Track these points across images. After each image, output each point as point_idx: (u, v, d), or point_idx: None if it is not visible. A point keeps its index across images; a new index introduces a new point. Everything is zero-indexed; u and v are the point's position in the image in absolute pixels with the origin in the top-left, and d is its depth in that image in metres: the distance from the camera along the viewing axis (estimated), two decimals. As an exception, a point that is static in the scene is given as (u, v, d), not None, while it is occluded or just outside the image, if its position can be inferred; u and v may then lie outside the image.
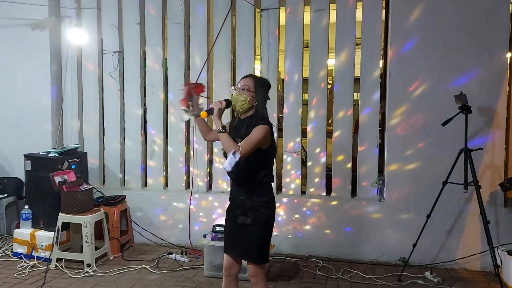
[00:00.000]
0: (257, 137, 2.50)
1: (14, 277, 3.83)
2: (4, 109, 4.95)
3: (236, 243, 2.70)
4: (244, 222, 2.63)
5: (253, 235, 2.63)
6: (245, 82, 2.63)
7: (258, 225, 2.62)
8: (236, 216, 2.67)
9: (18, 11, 4.72)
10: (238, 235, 2.68)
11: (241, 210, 2.64)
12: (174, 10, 4.72)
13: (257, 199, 2.62)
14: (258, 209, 2.62)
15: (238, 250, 2.71)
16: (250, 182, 2.63)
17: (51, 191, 4.17)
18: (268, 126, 2.57)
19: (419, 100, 4.17)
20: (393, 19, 4.20)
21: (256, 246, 2.64)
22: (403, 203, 4.24)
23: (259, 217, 2.62)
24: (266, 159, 2.65)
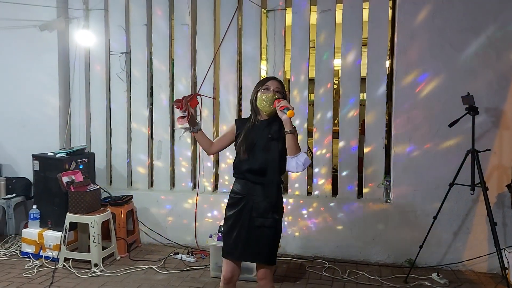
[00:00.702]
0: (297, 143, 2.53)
1: (22, 276, 3.87)
2: (12, 110, 5.00)
3: (250, 246, 2.61)
4: (263, 224, 2.58)
5: (270, 236, 2.60)
6: (277, 84, 2.62)
7: (276, 226, 2.62)
8: (252, 219, 2.59)
9: (27, 13, 4.76)
10: (254, 238, 2.60)
11: (262, 211, 2.58)
12: (180, 11, 4.74)
13: (279, 199, 2.65)
14: (278, 210, 2.63)
15: (251, 253, 2.62)
16: (276, 183, 2.62)
17: (59, 191, 4.21)
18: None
19: (426, 101, 4.15)
20: (400, 19, 4.19)
21: (271, 248, 2.62)
22: (409, 204, 4.23)
23: (277, 218, 2.62)
24: (284, 160, 2.60)
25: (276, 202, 2.62)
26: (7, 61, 4.97)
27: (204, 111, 4.74)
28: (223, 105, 4.74)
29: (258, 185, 2.61)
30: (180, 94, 4.79)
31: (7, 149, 5.03)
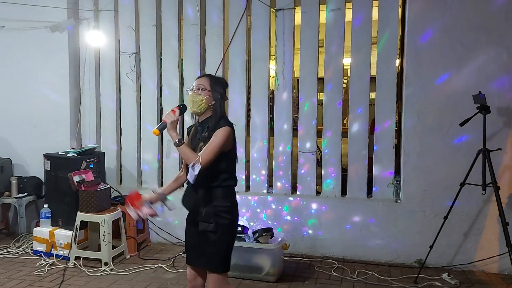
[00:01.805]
0: (218, 142, 2.40)
1: (34, 274, 3.91)
2: (24, 110, 5.05)
3: (200, 252, 2.53)
4: (205, 229, 2.46)
5: (216, 242, 2.47)
6: (200, 81, 2.51)
7: (221, 231, 2.47)
8: (197, 223, 2.50)
9: (38, 14, 4.81)
10: (201, 244, 2.51)
11: (202, 216, 2.47)
12: (190, 11, 4.76)
13: (219, 203, 2.48)
14: (221, 215, 2.47)
15: (203, 259, 2.53)
16: (210, 186, 2.48)
17: (69, 190, 4.25)
18: (229, 126, 2.46)
19: (436, 100, 4.12)
20: (410, 18, 4.16)
21: (219, 254, 2.49)
22: (419, 204, 4.20)
23: (222, 223, 2.46)
24: (228, 161, 2.52)
25: (221, 206, 2.48)
26: (19, 61, 5.03)
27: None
28: (232, 105, 4.74)
29: (200, 189, 2.50)
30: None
31: (19, 149, 5.08)
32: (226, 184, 2.52)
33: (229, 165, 2.54)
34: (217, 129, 2.44)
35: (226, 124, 2.47)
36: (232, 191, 2.58)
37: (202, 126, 2.53)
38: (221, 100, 2.53)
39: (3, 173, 4.88)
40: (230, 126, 2.48)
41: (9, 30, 4.95)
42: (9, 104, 5.08)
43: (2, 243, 4.72)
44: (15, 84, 5.06)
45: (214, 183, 2.49)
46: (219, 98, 2.51)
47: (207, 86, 2.49)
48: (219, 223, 2.46)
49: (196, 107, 2.49)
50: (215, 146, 2.40)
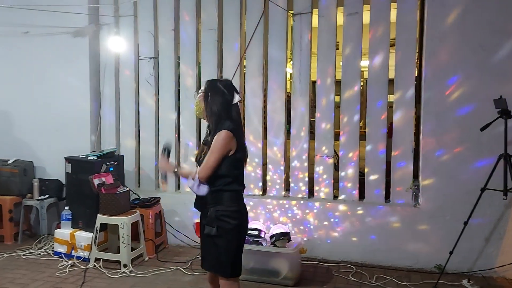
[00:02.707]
0: (217, 148, 2.41)
1: (56, 275, 3.99)
2: (46, 114, 5.16)
3: (206, 255, 2.58)
4: (209, 233, 2.47)
5: (220, 246, 2.47)
6: (202, 89, 2.60)
7: (225, 236, 2.46)
8: (203, 227, 2.53)
9: (61, 20, 4.91)
10: (205, 247, 2.56)
11: (207, 219, 2.50)
12: (207, 16, 4.80)
13: (223, 208, 2.47)
14: (224, 219, 2.46)
15: (208, 263, 2.58)
16: (215, 189, 2.49)
17: (90, 193, 4.31)
18: (227, 131, 2.44)
19: (456, 104, 4.07)
20: (429, 21, 4.13)
21: (223, 259, 2.48)
22: (439, 209, 4.15)
23: (225, 227, 2.46)
24: (232, 165, 2.50)
25: (225, 210, 2.47)
26: (42, 66, 5.15)
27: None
28: (249, 108, 4.77)
29: (210, 191, 2.51)
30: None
31: (41, 152, 5.20)
32: (230, 188, 2.51)
33: (232, 169, 2.51)
34: (216, 133, 2.45)
35: (225, 128, 2.45)
36: (237, 195, 2.55)
37: (208, 129, 2.60)
38: (221, 103, 2.50)
39: (26, 176, 4.99)
40: (230, 130, 2.45)
41: (33, 36, 5.06)
42: (32, 108, 5.20)
43: (25, 244, 4.82)
44: (39, 88, 5.18)
45: (216, 186, 2.49)
46: (217, 102, 2.50)
47: (204, 90, 2.56)
48: (221, 227, 2.46)
49: (196, 112, 2.63)
50: (214, 153, 2.44)
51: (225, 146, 2.44)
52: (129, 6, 4.96)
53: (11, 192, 4.92)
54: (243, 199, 2.60)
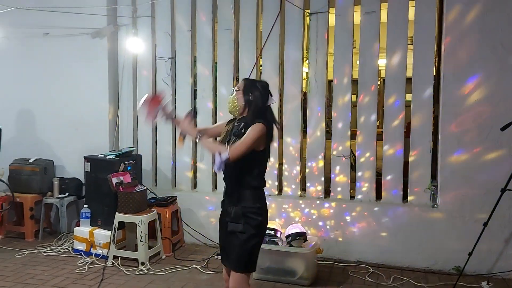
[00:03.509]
0: (251, 137, 2.44)
1: (75, 272, 4.06)
2: (66, 114, 5.25)
3: (225, 251, 2.62)
4: (235, 229, 2.52)
5: (244, 242, 2.51)
6: (238, 84, 2.67)
7: (249, 232, 2.50)
8: (226, 223, 2.57)
9: (80, 21, 4.99)
10: (227, 243, 2.59)
11: (232, 216, 2.54)
12: (224, 16, 4.82)
13: (249, 204, 2.52)
14: (250, 216, 2.51)
15: (225, 258, 2.63)
16: (241, 187, 2.53)
17: (108, 191, 4.37)
18: (264, 124, 2.48)
19: (476, 104, 4.01)
20: (448, 19, 4.07)
21: (244, 254, 2.52)
22: (458, 210, 4.09)
23: (251, 223, 2.51)
24: (260, 162, 2.56)
25: (250, 207, 2.51)
26: (62, 67, 5.24)
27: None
28: (266, 108, 4.76)
29: (233, 188, 2.57)
30: (223, 97, 4.86)
31: (61, 151, 5.30)
32: (255, 185, 2.56)
33: (259, 166, 2.59)
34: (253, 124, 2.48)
35: (262, 122, 2.49)
36: (262, 192, 2.61)
37: (239, 123, 2.60)
38: (258, 101, 2.57)
39: (46, 174, 5.09)
40: (266, 125, 2.50)
41: (53, 37, 5.16)
42: (53, 108, 5.30)
43: (45, 241, 4.93)
44: (59, 89, 5.27)
45: (243, 183, 2.53)
46: (254, 99, 2.56)
47: (241, 87, 2.62)
48: (248, 223, 2.51)
49: (230, 106, 2.64)
50: (247, 140, 2.44)
51: (259, 137, 2.47)
52: (146, 7, 5.02)
53: (32, 190, 5.03)
54: (265, 196, 2.64)
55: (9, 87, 5.44)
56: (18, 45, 5.28)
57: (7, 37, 5.04)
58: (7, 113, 5.39)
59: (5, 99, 5.42)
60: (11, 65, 5.41)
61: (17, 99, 5.41)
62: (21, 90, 5.39)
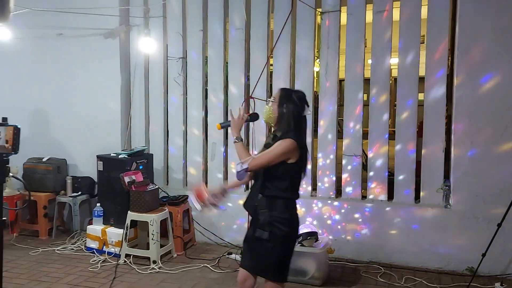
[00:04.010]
0: (276, 152, 2.47)
1: (88, 270, 4.11)
2: (79, 113, 5.31)
3: (251, 257, 2.63)
4: (260, 236, 2.52)
5: (269, 251, 2.52)
6: (275, 94, 2.66)
7: (275, 241, 2.51)
8: (254, 230, 2.58)
9: (93, 22, 5.04)
10: (254, 249, 2.60)
11: (260, 223, 2.54)
12: (235, 16, 4.83)
13: (277, 214, 2.52)
14: (277, 225, 2.50)
15: (253, 264, 2.63)
16: (269, 195, 2.55)
17: (121, 190, 4.41)
18: (293, 140, 2.49)
19: (490, 103, 3.96)
20: (461, 18, 4.03)
21: (272, 263, 2.54)
22: (471, 210, 4.05)
23: (277, 233, 2.50)
24: (290, 173, 2.55)
25: (278, 217, 2.51)
26: (75, 67, 5.30)
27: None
28: (277, 107, 4.76)
29: (259, 196, 2.58)
30: (233, 97, 4.88)
31: (74, 150, 5.35)
32: (286, 195, 2.56)
33: (291, 177, 2.57)
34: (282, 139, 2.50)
35: (291, 137, 2.50)
36: (292, 203, 2.61)
37: (274, 134, 2.64)
38: (290, 113, 2.55)
39: (59, 173, 5.15)
40: (296, 140, 2.50)
41: (66, 38, 5.22)
42: (66, 108, 5.36)
43: (59, 239, 4.99)
44: (72, 89, 5.33)
45: (272, 192, 2.55)
46: (287, 110, 2.55)
47: (277, 98, 2.61)
48: (273, 233, 2.51)
49: (266, 117, 2.66)
50: (270, 155, 2.49)
51: (284, 153, 2.49)
52: (158, 7, 5.05)
53: (46, 188, 5.09)
54: (296, 207, 2.64)
55: (23, 87, 5.51)
56: (32, 45, 5.35)
57: (22, 38, 5.11)
58: (21, 112, 5.45)
59: (20, 99, 5.49)
60: (25, 66, 5.49)
61: (31, 99, 5.49)
62: (35, 90, 5.46)
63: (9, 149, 2.44)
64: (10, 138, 2.43)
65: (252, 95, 4.77)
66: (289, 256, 2.62)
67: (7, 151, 2.45)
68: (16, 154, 2.48)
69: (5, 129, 2.46)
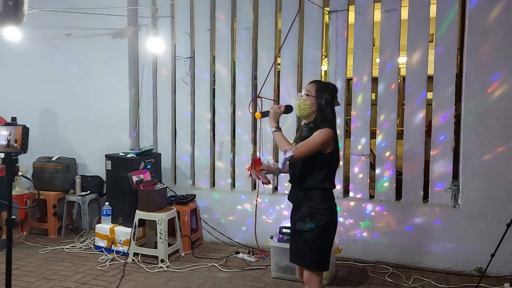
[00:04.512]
0: (317, 140, 2.53)
1: (96, 269, 4.14)
2: (88, 113, 5.35)
3: (293, 249, 2.72)
4: (301, 228, 2.60)
5: (310, 241, 2.59)
6: (307, 87, 2.69)
7: (315, 231, 2.57)
8: (294, 223, 2.68)
9: (101, 22, 5.07)
10: (294, 241, 2.70)
11: (300, 215, 2.62)
12: (243, 15, 4.83)
13: (315, 204, 2.59)
14: (316, 215, 2.57)
15: (295, 256, 2.72)
16: (307, 186, 2.62)
17: (129, 189, 4.44)
18: (331, 129, 2.57)
19: (499, 102, 3.93)
20: (471, 16, 4.00)
21: (312, 253, 2.60)
22: (480, 210, 4.02)
23: (317, 223, 2.57)
24: (327, 163, 2.63)
25: (316, 207, 2.58)
26: (83, 67, 5.34)
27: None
28: (284, 107, 4.76)
29: (297, 188, 2.67)
30: (241, 97, 4.89)
31: (83, 150, 5.40)
32: (323, 186, 2.62)
33: (327, 168, 2.64)
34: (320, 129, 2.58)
35: (329, 127, 2.58)
36: (330, 193, 2.67)
37: (307, 127, 2.68)
38: (327, 105, 2.65)
39: (68, 172, 5.20)
40: (333, 130, 2.59)
41: (75, 38, 5.26)
42: (75, 107, 5.40)
43: (68, 238, 5.04)
44: (81, 88, 5.37)
45: (311, 184, 2.61)
46: (325, 103, 2.64)
47: (312, 91, 2.66)
48: (314, 223, 2.57)
49: (301, 111, 2.69)
50: (312, 142, 2.54)
51: (324, 142, 2.56)
52: (166, 7, 5.07)
53: (55, 187, 5.14)
54: (333, 197, 2.70)
55: (32, 87, 5.57)
56: (41, 45, 5.40)
57: (31, 38, 5.16)
58: (31, 112, 5.51)
59: (29, 99, 5.55)
60: (34, 66, 5.54)
61: (40, 99, 5.54)
62: (44, 90, 5.52)
63: (18, 148, 2.48)
64: (19, 138, 2.46)
65: (260, 94, 4.78)
66: (330, 246, 2.69)
67: (16, 151, 2.48)
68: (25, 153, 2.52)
69: (14, 128, 2.49)
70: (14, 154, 2.50)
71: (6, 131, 2.50)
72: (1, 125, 2.56)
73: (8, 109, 4.40)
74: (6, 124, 2.54)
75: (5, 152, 2.49)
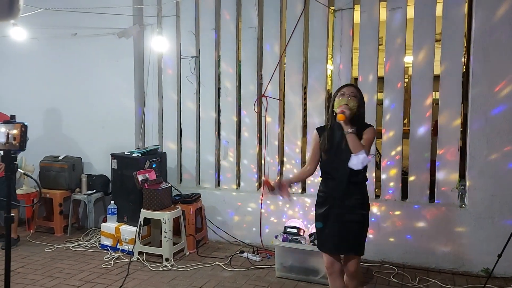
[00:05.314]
0: (371, 138, 2.80)
1: (101, 267, 4.16)
2: (93, 112, 5.38)
3: (342, 240, 2.86)
4: (352, 219, 2.81)
5: (359, 230, 2.85)
6: (352, 90, 2.85)
7: (364, 221, 2.87)
8: (341, 215, 2.83)
9: (106, 21, 5.09)
10: (344, 233, 2.84)
11: (349, 207, 2.81)
12: (248, 14, 4.83)
13: (362, 197, 2.86)
14: (366, 205, 2.88)
15: (346, 246, 2.87)
16: (358, 180, 2.83)
17: (134, 188, 4.45)
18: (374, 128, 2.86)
19: (506, 101, 3.88)
20: (478, 14, 3.95)
21: (360, 240, 2.87)
22: (487, 210, 3.98)
23: (364, 213, 2.86)
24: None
25: (362, 198, 2.85)
26: (89, 66, 5.37)
27: (270, 112, 4.80)
28: (288, 106, 4.76)
29: (344, 183, 2.81)
30: (246, 96, 4.88)
31: (89, 149, 5.43)
32: (364, 180, 2.89)
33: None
34: (366, 128, 2.81)
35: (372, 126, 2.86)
36: (366, 186, 2.93)
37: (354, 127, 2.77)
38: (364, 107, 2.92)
39: (74, 171, 5.23)
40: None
41: (80, 37, 5.28)
42: (81, 107, 5.43)
43: (73, 236, 5.07)
44: (86, 87, 5.40)
45: (361, 177, 2.84)
46: (363, 105, 2.91)
47: (356, 94, 2.86)
48: (363, 214, 2.85)
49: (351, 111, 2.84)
50: (370, 140, 2.80)
51: (374, 139, 2.89)
52: (171, 6, 5.07)
53: (61, 186, 5.18)
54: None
55: (39, 86, 5.60)
56: (47, 45, 5.43)
57: (37, 38, 5.19)
58: (37, 111, 5.56)
59: (35, 98, 5.59)
60: (40, 65, 5.58)
61: (46, 98, 5.58)
62: (50, 89, 5.55)
63: (16, 146, 2.49)
64: (18, 135, 2.48)
65: (265, 93, 4.77)
66: None
67: (15, 148, 2.50)
68: (23, 151, 2.53)
69: (13, 126, 2.50)
70: (13, 152, 2.52)
71: (4, 128, 2.51)
72: (0, 123, 2.57)
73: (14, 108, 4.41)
74: (5, 122, 2.55)
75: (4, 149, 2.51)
